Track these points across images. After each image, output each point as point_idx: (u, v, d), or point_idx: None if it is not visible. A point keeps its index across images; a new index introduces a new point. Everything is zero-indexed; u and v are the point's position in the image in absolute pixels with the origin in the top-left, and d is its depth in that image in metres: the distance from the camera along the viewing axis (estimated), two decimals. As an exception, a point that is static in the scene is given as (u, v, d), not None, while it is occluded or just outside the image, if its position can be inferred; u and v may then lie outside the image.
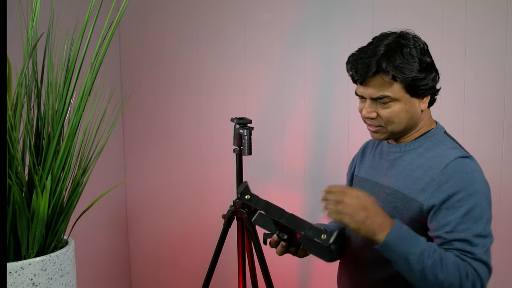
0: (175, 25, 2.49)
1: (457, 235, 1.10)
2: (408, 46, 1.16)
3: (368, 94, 1.19)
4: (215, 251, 1.91)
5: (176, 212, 2.60)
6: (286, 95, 2.25)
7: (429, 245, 1.09)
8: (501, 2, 1.80)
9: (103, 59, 1.08)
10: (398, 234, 1.08)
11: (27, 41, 1.08)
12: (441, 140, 1.21)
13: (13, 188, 0.97)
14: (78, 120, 1.07)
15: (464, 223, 1.10)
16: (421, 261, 1.06)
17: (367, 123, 1.23)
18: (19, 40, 1.10)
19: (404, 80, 1.14)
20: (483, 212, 1.12)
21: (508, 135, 1.83)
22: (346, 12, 2.08)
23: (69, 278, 1.06)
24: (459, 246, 1.10)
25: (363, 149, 1.43)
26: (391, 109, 1.17)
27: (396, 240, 1.07)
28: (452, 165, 1.13)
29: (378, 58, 1.15)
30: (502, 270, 1.88)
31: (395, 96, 1.16)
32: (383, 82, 1.16)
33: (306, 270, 2.30)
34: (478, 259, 1.09)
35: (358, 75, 1.18)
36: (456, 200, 1.11)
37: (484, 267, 1.09)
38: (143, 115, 2.63)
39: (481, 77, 1.85)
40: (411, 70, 1.14)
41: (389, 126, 1.19)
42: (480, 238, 1.10)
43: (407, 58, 1.14)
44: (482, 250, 1.10)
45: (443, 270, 1.06)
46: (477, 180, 1.13)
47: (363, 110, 1.21)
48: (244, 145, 1.80)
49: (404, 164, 1.22)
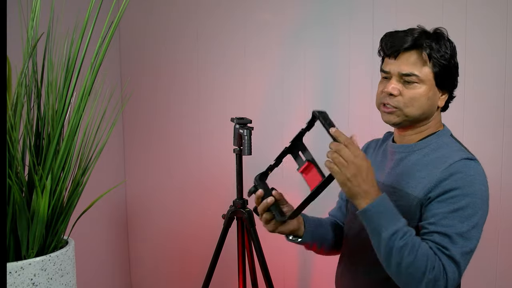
0: (175, 25, 2.49)
1: (439, 228, 1.09)
2: (444, 37, 1.18)
3: (397, 69, 1.17)
4: (215, 251, 1.91)
5: (176, 212, 2.60)
6: (286, 95, 2.25)
7: (406, 228, 1.07)
8: (501, 2, 1.80)
9: (103, 59, 1.08)
10: (380, 207, 1.07)
11: (27, 41, 1.08)
12: (447, 142, 1.21)
13: (13, 188, 0.97)
14: (78, 120, 1.07)
15: (449, 219, 1.09)
16: (392, 240, 1.05)
17: (384, 103, 1.20)
18: (19, 40, 1.10)
19: (436, 63, 1.15)
20: (474, 215, 1.09)
21: (508, 135, 1.83)
22: (346, 12, 2.08)
23: (69, 278, 1.06)
24: (438, 239, 1.08)
25: (365, 150, 1.43)
26: (416, 91, 1.17)
27: (375, 211, 1.07)
28: (456, 165, 1.13)
29: (416, 36, 1.15)
30: (503, 270, 1.88)
31: (423, 78, 1.16)
32: (417, 59, 1.16)
33: (306, 270, 2.30)
34: (451, 256, 1.07)
35: (394, 46, 1.17)
36: (450, 196, 1.10)
37: (455, 267, 1.07)
38: (143, 115, 2.63)
39: (481, 77, 1.85)
40: (445, 59, 1.15)
41: (407, 108, 1.17)
42: (461, 238, 1.08)
43: (444, 47, 1.16)
44: (459, 250, 1.07)
45: (410, 255, 1.04)
46: (477, 183, 1.12)
47: (388, 86, 1.18)
48: (244, 145, 1.80)
49: (409, 164, 1.22)
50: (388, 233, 1.05)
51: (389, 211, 1.08)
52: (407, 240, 1.05)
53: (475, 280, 1.88)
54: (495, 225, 1.87)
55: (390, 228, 1.06)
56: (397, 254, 1.05)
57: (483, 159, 1.21)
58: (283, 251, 2.29)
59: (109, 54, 1.15)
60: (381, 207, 1.07)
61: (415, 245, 1.05)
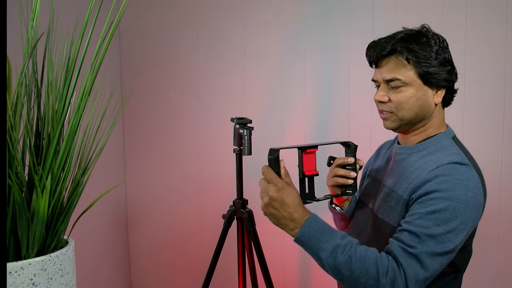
0: (175, 25, 2.49)
1: (411, 227, 1.07)
2: (426, 36, 1.18)
3: (381, 77, 1.20)
4: (215, 251, 1.91)
5: (176, 212, 2.60)
6: (286, 95, 2.25)
7: (345, 241, 1.07)
8: (501, 2, 1.80)
9: (103, 59, 1.08)
10: (310, 230, 1.09)
11: (27, 41, 1.08)
12: (445, 145, 1.20)
13: (13, 188, 0.97)
14: (78, 120, 1.07)
15: (424, 220, 1.07)
16: (333, 257, 1.06)
17: (379, 109, 1.24)
18: (19, 40, 1.10)
19: (417, 64, 1.15)
20: (451, 220, 1.06)
21: (508, 135, 1.83)
22: (346, 13, 2.08)
23: (69, 278, 1.06)
24: (405, 238, 1.07)
25: (378, 150, 1.46)
26: (403, 94, 1.18)
27: (308, 236, 1.08)
28: (443, 167, 1.12)
29: (395, 41, 1.17)
30: (503, 270, 1.88)
31: (406, 80, 1.17)
32: (396, 64, 1.17)
33: (306, 270, 2.30)
34: (415, 254, 1.04)
35: (374, 55, 1.20)
36: (430, 198, 1.09)
37: (418, 266, 1.04)
38: (143, 115, 2.63)
39: (481, 77, 1.85)
40: (425, 57, 1.16)
41: (399, 112, 1.19)
42: (432, 239, 1.05)
43: (424, 45, 1.16)
44: (427, 250, 1.04)
45: (358, 266, 1.04)
46: (461, 188, 1.08)
47: (376, 94, 1.22)
48: (244, 145, 1.79)
49: (406, 166, 1.22)
50: (327, 253, 1.06)
51: (321, 230, 1.08)
52: (350, 253, 1.05)
53: (475, 280, 1.88)
54: (495, 225, 1.87)
55: (327, 246, 1.07)
56: (344, 268, 1.05)
57: (483, 159, 1.21)
58: (283, 251, 2.29)
59: (109, 54, 1.15)
60: (311, 230, 1.08)
61: (359, 255, 1.05)
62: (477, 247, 1.21)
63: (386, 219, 1.20)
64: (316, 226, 1.09)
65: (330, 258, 1.06)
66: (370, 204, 1.32)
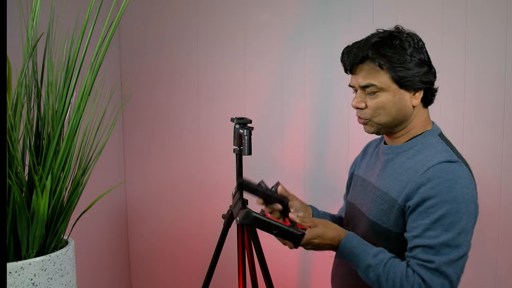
0: (175, 25, 2.49)
1: (423, 241, 1.08)
2: (399, 38, 1.16)
3: (356, 83, 1.20)
4: (215, 251, 1.91)
5: (176, 212, 2.60)
6: (286, 95, 2.25)
7: (376, 260, 1.13)
8: (501, 2, 1.80)
9: (103, 59, 1.08)
10: (345, 251, 1.17)
11: (27, 41, 1.08)
12: (432, 143, 1.19)
13: (13, 188, 0.97)
14: (78, 120, 1.07)
15: (432, 230, 1.08)
16: (365, 275, 1.15)
17: (357, 115, 1.24)
18: (19, 40, 1.10)
19: (391, 69, 1.14)
20: (457, 221, 1.07)
21: (508, 135, 1.83)
22: (346, 12, 2.08)
23: (69, 278, 1.06)
24: (421, 254, 1.09)
25: (365, 149, 1.44)
26: (378, 99, 1.17)
27: (344, 257, 1.19)
28: (433, 169, 1.11)
29: (367, 47, 1.16)
30: (503, 270, 1.88)
31: (381, 86, 1.16)
32: (370, 70, 1.17)
33: (306, 270, 2.30)
34: (436, 269, 1.06)
35: (348, 63, 1.21)
36: (430, 205, 1.09)
37: (442, 279, 1.06)
38: (143, 115, 2.63)
39: (481, 77, 1.85)
40: (399, 61, 1.14)
41: (375, 118, 1.19)
42: (447, 247, 1.07)
43: (397, 49, 1.15)
44: (445, 260, 1.06)
45: (386, 285, 1.11)
46: (457, 187, 1.08)
47: (353, 101, 1.23)
48: (244, 145, 1.79)
49: (394, 167, 1.21)
50: (361, 271, 1.16)
51: (355, 249, 1.17)
52: (379, 272, 1.12)
53: (475, 280, 1.88)
54: (495, 225, 1.87)
55: (361, 266, 1.16)
56: (376, 285, 1.14)
57: (483, 159, 1.21)
58: (283, 251, 2.29)
59: (109, 54, 1.15)
60: (346, 250, 1.18)
61: (387, 277, 1.11)
62: (477, 247, 1.21)
63: (379, 222, 1.19)
64: (350, 246, 1.17)
65: (364, 276, 1.15)
66: (360, 206, 1.31)
